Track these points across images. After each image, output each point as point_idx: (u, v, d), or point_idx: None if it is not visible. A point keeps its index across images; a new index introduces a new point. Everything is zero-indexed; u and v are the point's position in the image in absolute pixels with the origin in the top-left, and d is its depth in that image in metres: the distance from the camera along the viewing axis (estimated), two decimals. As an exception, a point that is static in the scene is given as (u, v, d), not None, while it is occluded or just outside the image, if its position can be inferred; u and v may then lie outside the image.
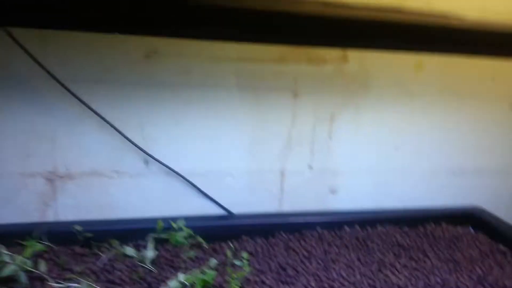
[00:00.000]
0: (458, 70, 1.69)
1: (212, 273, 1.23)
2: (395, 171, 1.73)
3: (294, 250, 1.45)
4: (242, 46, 1.46)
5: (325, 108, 1.60)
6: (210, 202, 1.55)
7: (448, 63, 1.66)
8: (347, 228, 1.59)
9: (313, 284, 1.27)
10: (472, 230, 1.69)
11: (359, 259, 1.42)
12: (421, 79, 1.66)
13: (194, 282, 1.20)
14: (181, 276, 1.21)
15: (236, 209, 1.57)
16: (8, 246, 1.22)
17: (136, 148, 1.43)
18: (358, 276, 1.32)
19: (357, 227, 1.61)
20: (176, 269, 1.27)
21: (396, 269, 1.38)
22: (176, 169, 1.48)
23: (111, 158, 1.43)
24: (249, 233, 1.51)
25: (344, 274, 1.32)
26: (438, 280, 1.32)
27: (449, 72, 1.68)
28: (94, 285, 1.15)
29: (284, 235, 1.53)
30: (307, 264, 1.37)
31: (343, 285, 1.27)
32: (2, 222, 1.37)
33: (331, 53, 1.55)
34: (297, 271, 1.33)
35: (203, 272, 1.22)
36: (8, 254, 1.20)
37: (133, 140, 1.42)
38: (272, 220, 1.57)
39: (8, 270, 1.16)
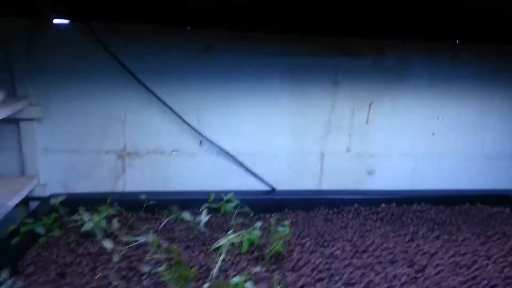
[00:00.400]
0: (493, 57, 1.75)
1: (257, 233, 1.39)
2: (432, 155, 1.81)
3: (332, 221, 1.58)
4: (286, 42, 1.63)
5: (363, 96, 1.73)
6: (256, 179, 1.72)
7: (483, 50, 1.73)
8: (383, 205, 1.69)
9: (348, 247, 1.40)
10: (507, 210, 1.73)
11: (393, 231, 1.52)
12: (457, 67, 1.74)
13: (241, 241, 1.38)
14: (230, 236, 1.39)
15: (279, 186, 1.73)
16: (87, 210, 1.47)
17: (192, 130, 1.64)
18: (391, 244, 1.42)
19: (394, 204, 1.71)
20: (226, 231, 1.45)
21: (428, 240, 1.47)
22: (226, 150, 1.67)
23: (171, 139, 1.65)
24: (291, 207, 1.67)
25: (378, 242, 1.43)
26: (468, 250, 1.40)
27: (484, 59, 1.75)
28: (157, 239, 1.35)
29: (323, 209, 1.67)
30: (344, 232, 1.50)
31: (376, 250, 1.39)
32: (83, 191, 1.64)
33: (368, 45, 1.68)
34: (334, 238, 1.46)
35: (249, 233, 1.39)
36: (87, 215, 1.44)
37: (190, 123, 1.63)
38: (312, 196, 1.72)
39: (87, 227, 1.40)
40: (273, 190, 1.73)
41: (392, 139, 1.77)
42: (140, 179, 1.67)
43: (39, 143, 1.57)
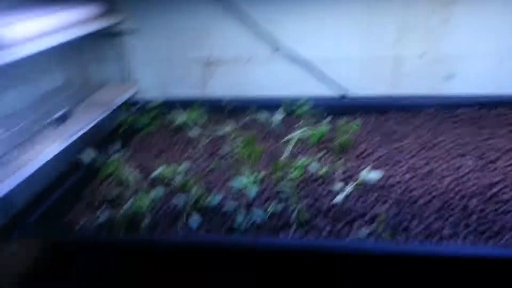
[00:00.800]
0: None
1: (326, 128, 1.49)
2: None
3: (404, 124, 1.60)
4: None
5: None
6: (328, 84, 1.77)
7: None
8: (461, 110, 1.64)
9: (417, 143, 1.43)
10: None
11: (469, 131, 1.49)
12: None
13: (310, 136, 1.49)
14: (300, 131, 1.51)
15: (351, 92, 1.77)
16: (179, 110, 1.70)
17: (268, 37, 1.73)
18: (464, 141, 1.41)
19: (473, 109, 1.65)
20: (297, 129, 1.57)
21: (505, 139, 1.41)
22: (300, 56, 1.74)
23: (249, 47, 1.77)
24: (363, 111, 1.71)
25: (450, 139, 1.43)
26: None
27: None
28: (237, 133, 1.53)
29: (396, 113, 1.68)
30: (415, 132, 1.52)
31: (447, 145, 1.39)
32: (177, 96, 1.86)
33: None
34: (404, 135, 1.49)
35: (318, 128, 1.49)
36: (179, 114, 1.67)
37: (266, 30, 1.72)
38: (384, 100, 1.73)
39: (179, 121, 1.64)
40: (345, 95, 1.78)
41: (474, 40, 1.65)
42: (222, 85, 1.84)
43: (138, 53, 1.81)
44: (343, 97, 1.78)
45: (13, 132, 1.26)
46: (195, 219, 1.07)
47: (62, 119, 1.36)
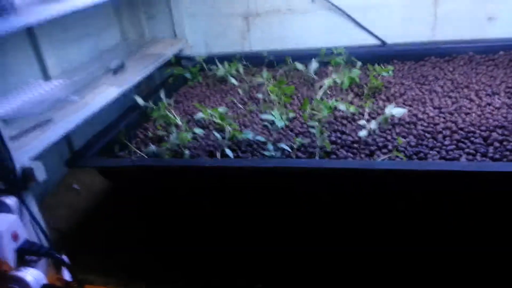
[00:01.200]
0: None
1: (358, 72, 1.54)
2: None
3: (440, 68, 1.60)
4: None
5: None
6: (366, 33, 1.80)
7: None
8: (501, 53, 1.61)
9: (450, 85, 1.45)
10: None
11: (505, 74, 1.47)
12: None
13: (343, 81, 1.55)
14: (333, 77, 1.58)
15: (390, 40, 1.79)
16: (221, 63, 1.82)
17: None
18: (497, 83, 1.41)
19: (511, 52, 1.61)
20: (331, 76, 1.63)
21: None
22: (337, 5, 1.78)
23: (287, -1, 1.84)
24: (400, 58, 1.72)
25: (483, 81, 1.43)
26: None
27: None
28: (273, 82, 1.63)
29: (433, 59, 1.68)
30: (449, 74, 1.53)
31: (479, 86, 1.40)
32: (218, 51, 1.99)
33: None
34: (438, 78, 1.51)
35: (350, 72, 1.55)
36: (221, 66, 1.80)
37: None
38: (423, 47, 1.72)
39: (220, 73, 1.77)
40: (383, 43, 1.80)
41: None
42: (261, 38, 1.93)
43: (184, 10, 1.94)
44: (381, 46, 1.80)
45: (75, 81, 1.45)
46: (230, 151, 1.21)
47: (119, 69, 1.54)
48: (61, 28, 1.58)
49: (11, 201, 0.99)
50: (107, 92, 1.37)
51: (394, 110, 1.22)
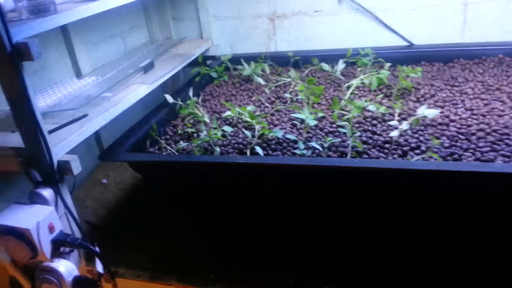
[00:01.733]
0: None
1: (387, 73, 1.53)
2: None
3: (470, 70, 1.58)
4: None
5: None
6: (393, 34, 1.79)
7: None
8: (534, 56, 1.58)
9: (481, 87, 1.43)
10: None
11: (539, 76, 1.45)
12: None
13: (371, 82, 1.54)
14: (361, 77, 1.57)
15: (417, 41, 1.77)
16: (247, 63, 1.83)
17: (332, -10, 1.78)
18: (531, 85, 1.38)
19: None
20: (358, 77, 1.63)
21: None
22: (364, 6, 1.77)
23: (313, 0, 1.83)
24: (428, 59, 1.71)
25: (516, 83, 1.41)
26: None
27: None
28: (300, 82, 1.63)
29: (462, 61, 1.66)
30: (479, 77, 1.51)
31: (510, 88, 1.38)
32: (244, 52, 2.01)
33: None
34: (468, 80, 1.49)
35: (379, 73, 1.54)
36: (247, 66, 1.81)
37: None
38: (451, 48, 1.70)
39: (246, 72, 1.78)
40: (411, 44, 1.78)
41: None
42: (287, 39, 1.94)
43: (210, 11, 1.96)
44: (407, 46, 1.79)
45: (107, 78, 1.48)
46: (260, 149, 1.21)
47: (148, 67, 1.56)
48: (93, 27, 1.61)
49: (47, 193, 1.01)
50: (138, 90, 1.39)
51: (427, 111, 1.21)
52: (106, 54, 1.70)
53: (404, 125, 1.20)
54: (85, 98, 1.32)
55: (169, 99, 1.51)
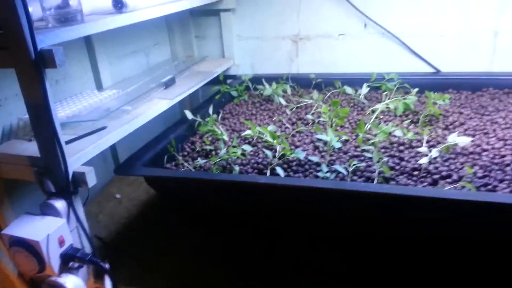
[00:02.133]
0: None
1: (414, 98, 1.49)
2: None
3: (499, 99, 1.53)
4: None
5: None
6: (420, 60, 1.75)
7: None
8: None
9: (511, 117, 1.36)
10: None
11: None
12: None
13: (396, 107, 1.49)
14: (386, 102, 1.53)
15: (444, 68, 1.73)
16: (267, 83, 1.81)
17: (358, 12, 1.75)
18: None
19: None
20: (383, 102, 1.58)
21: None
22: (390, 31, 1.74)
23: (338, 23, 1.81)
24: (456, 87, 1.66)
25: (551, 115, 1.34)
26: None
27: None
28: (322, 104, 1.60)
29: (491, 90, 1.60)
30: (510, 106, 1.45)
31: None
32: (266, 72, 1.99)
33: None
34: (498, 109, 1.43)
35: (405, 99, 1.50)
36: (268, 86, 1.78)
37: (356, 6, 1.75)
38: (479, 77, 1.65)
39: (267, 92, 1.75)
40: (437, 71, 1.74)
41: None
42: (310, 61, 1.91)
43: (234, 31, 1.96)
44: (435, 73, 1.74)
45: (128, 92, 1.47)
46: (281, 170, 1.16)
47: (169, 83, 1.54)
48: (117, 41, 1.62)
49: (60, 204, 0.97)
50: (158, 105, 1.37)
51: (458, 139, 1.15)
52: (128, 68, 1.70)
53: (434, 152, 1.14)
54: (105, 110, 1.29)
55: (189, 115, 1.49)
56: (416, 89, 1.60)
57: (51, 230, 0.90)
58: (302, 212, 1.12)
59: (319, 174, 1.12)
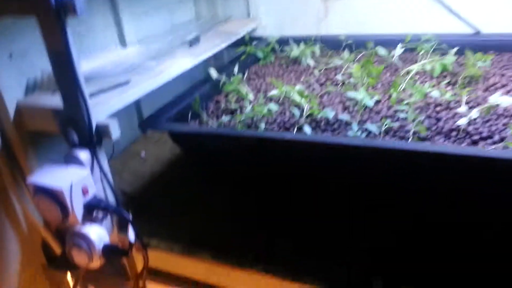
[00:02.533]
0: None
1: (452, 59, 1.39)
2: None
3: (546, 61, 1.41)
4: None
5: None
6: (458, 20, 1.63)
7: None
8: None
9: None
10: None
11: None
12: None
13: (433, 68, 1.40)
14: (422, 63, 1.44)
15: (485, 29, 1.61)
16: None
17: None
18: None
19: None
20: (418, 62, 1.49)
21: None
22: (428, -12, 1.63)
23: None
24: (497, 49, 1.54)
25: None
26: None
27: None
28: (353, 65, 1.52)
29: (537, 52, 1.49)
30: (559, 69, 1.34)
31: None
32: (293, 34, 1.88)
33: None
34: (545, 72, 1.33)
35: (443, 59, 1.40)
36: (295, 47, 1.71)
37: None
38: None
39: (294, 53, 1.68)
40: (477, 32, 1.62)
41: None
42: (340, 22, 1.81)
43: (259, -10, 1.88)
44: (474, 34, 1.63)
45: (152, 48, 1.43)
46: (308, 128, 1.12)
47: (194, 41, 1.50)
48: (140, -4, 1.57)
49: (84, 155, 0.96)
50: (182, 62, 1.33)
51: (501, 99, 1.07)
52: (152, 25, 1.65)
53: (474, 113, 1.06)
54: (129, 66, 1.26)
55: (214, 74, 1.44)
56: (455, 49, 1.50)
57: (74, 179, 0.89)
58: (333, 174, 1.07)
59: (349, 133, 1.07)
